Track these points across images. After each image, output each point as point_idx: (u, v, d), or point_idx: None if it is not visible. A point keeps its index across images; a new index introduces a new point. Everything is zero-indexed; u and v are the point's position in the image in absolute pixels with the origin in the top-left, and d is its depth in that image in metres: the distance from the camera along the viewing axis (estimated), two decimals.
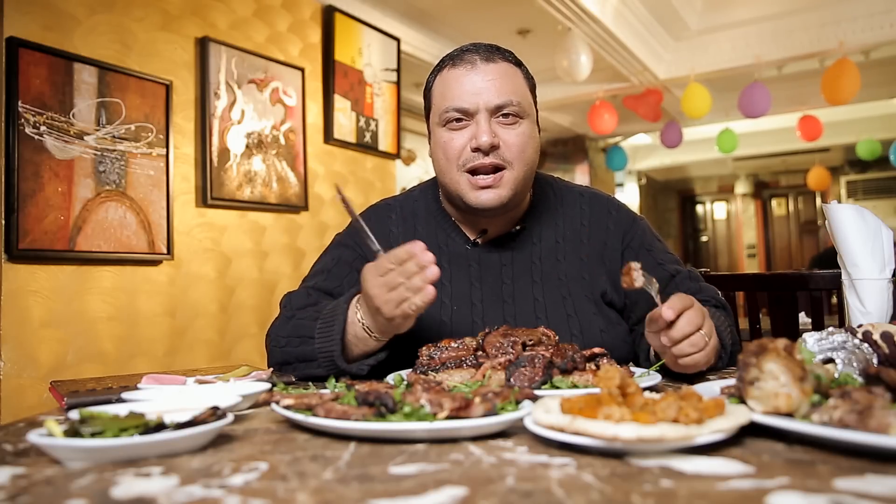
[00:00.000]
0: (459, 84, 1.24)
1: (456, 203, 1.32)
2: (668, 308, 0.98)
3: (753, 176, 11.53)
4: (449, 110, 1.24)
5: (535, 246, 1.35)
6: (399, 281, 1.04)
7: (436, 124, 1.29)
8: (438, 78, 1.30)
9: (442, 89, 1.28)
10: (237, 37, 3.25)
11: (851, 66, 4.75)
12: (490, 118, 1.23)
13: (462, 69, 1.25)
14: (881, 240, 1.27)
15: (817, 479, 0.53)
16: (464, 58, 1.26)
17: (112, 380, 1.15)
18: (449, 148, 1.25)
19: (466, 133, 1.24)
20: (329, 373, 1.16)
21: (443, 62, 1.30)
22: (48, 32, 2.47)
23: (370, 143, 4.04)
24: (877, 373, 0.70)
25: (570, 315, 1.29)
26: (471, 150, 1.23)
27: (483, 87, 1.23)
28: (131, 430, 0.64)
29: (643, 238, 1.39)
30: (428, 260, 1.03)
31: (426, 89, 1.35)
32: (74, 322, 2.50)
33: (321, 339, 1.17)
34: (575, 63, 4.60)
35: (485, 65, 1.24)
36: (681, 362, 1.02)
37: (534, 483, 0.54)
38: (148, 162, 2.77)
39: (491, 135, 1.21)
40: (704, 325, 1.01)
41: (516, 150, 1.24)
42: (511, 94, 1.23)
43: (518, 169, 1.25)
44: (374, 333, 1.13)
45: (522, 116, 1.25)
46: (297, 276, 3.50)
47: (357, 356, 1.18)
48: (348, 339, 1.16)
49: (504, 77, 1.24)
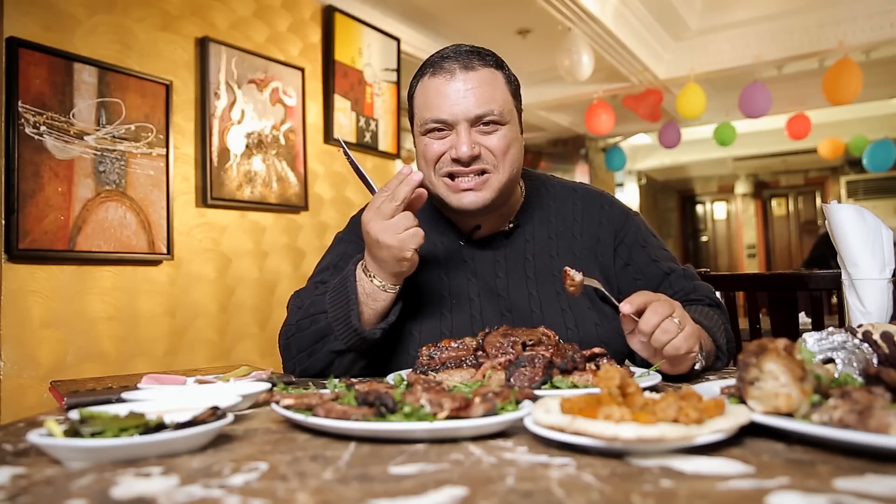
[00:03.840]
0: (438, 95, 1.24)
1: (441, 204, 1.34)
2: (626, 303, 1.01)
3: (753, 176, 11.53)
4: (428, 122, 1.25)
5: (529, 243, 1.36)
6: (394, 204, 1.14)
7: (418, 132, 1.31)
8: (419, 86, 1.30)
9: (423, 99, 1.28)
10: (237, 37, 3.25)
11: (853, 66, 4.75)
12: (470, 128, 1.23)
13: (441, 78, 1.24)
14: (881, 240, 1.27)
15: (817, 479, 0.53)
16: (443, 66, 1.25)
17: (112, 380, 1.15)
18: (428, 153, 1.27)
19: (447, 142, 1.25)
20: (346, 345, 1.20)
21: (423, 68, 1.30)
22: (48, 32, 2.47)
23: (370, 143, 4.04)
24: (877, 373, 0.70)
25: (564, 310, 1.29)
26: (451, 159, 1.24)
27: (462, 97, 1.22)
28: (131, 430, 0.64)
29: (637, 234, 1.39)
30: (406, 170, 1.14)
31: (409, 94, 1.36)
32: (74, 322, 2.50)
33: (334, 307, 1.20)
34: (577, 63, 4.60)
35: (464, 73, 1.23)
36: (664, 353, 1.02)
37: (534, 483, 0.54)
38: (148, 162, 2.77)
39: (471, 145, 1.22)
40: (675, 312, 1.02)
41: (499, 154, 1.25)
42: (490, 104, 1.23)
43: (503, 171, 1.26)
44: (384, 282, 1.18)
45: (503, 123, 1.25)
46: (298, 276, 3.50)
47: (370, 318, 1.20)
48: (360, 300, 1.19)
49: (483, 85, 1.23)
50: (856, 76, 4.73)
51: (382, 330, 1.21)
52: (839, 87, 4.79)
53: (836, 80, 4.80)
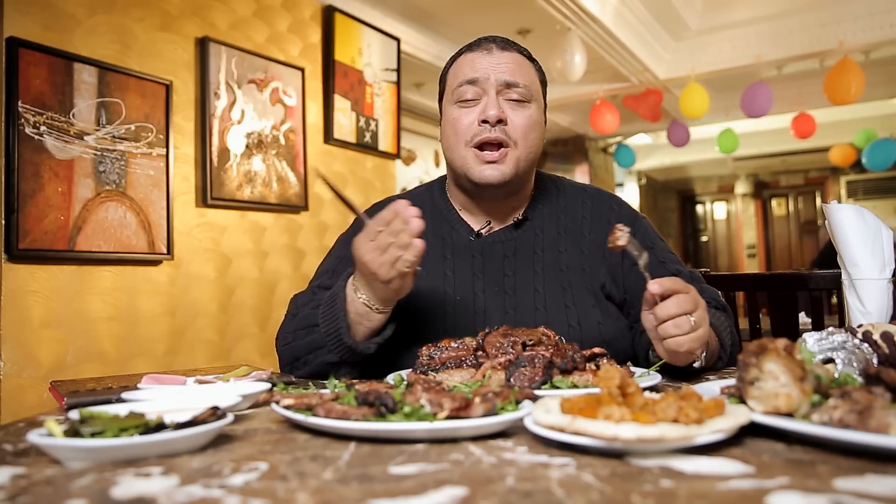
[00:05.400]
0: (473, 62, 1.31)
1: (461, 182, 1.35)
2: (656, 283, 0.99)
3: (753, 176, 11.53)
4: (462, 83, 1.30)
5: (538, 237, 1.37)
6: (389, 241, 1.07)
7: (448, 102, 1.34)
8: (455, 62, 1.37)
9: (456, 70, 1.34)
10: (237, 37, 3.25)
11: (854, 67, 4.75)
12: (498, 96, 1.28)
13: (478, 52, 1.32)
14: (881, 240, 1.27)
15: (817, 479, 0.53)
16: (481, 44, 1.33)
17: (112, 380, 1.15)
18: (459, 124, 1.29)
19: (476, 110, 1.29)
20: (340, 357, 1.18)
21: (461, 50, 1.37)
22: (48, 32, 2.47)
23: (370, 143, 4.04)
24: (877, 373, 0.70)
25: (568, 306, 1.30)
26: (478, 124, 1.27)
27: (495, 65, 1.29)
28: (131, 430, 0.64)
29: (644, 236, 1.40)
30: (411, 214, 1.06)
31: (442, 74, 1.41)
32: (74, 322, 2.50)
33: (325, 322, 1.18)
34: (569, 64, 4.60)
35: (500, 52, 1.31)
36: (664, 344, 1.01)
37: (534, 483, 0.54)
38: (148, 162, 2.77)
39: (498, 109, 1.26)
40: (696, 312, 1.00)
41: (521, 131, 1.28)
42: (522, 78, 1.29)
43: (521, 148, 1.29)
44: (375, 305, 1.15)
45: (530, 101, 1.30)
46: (298, 276, 3.50)
47: (363, 335, 1.18)
48: (351, 319, 1.17)
49: (518, 63, 1.31)
50: (857, 76, 4.73)
51: (377, 344, 1.19)
52: (840, 87, 4.79)
53: (838, 81, 4.80)
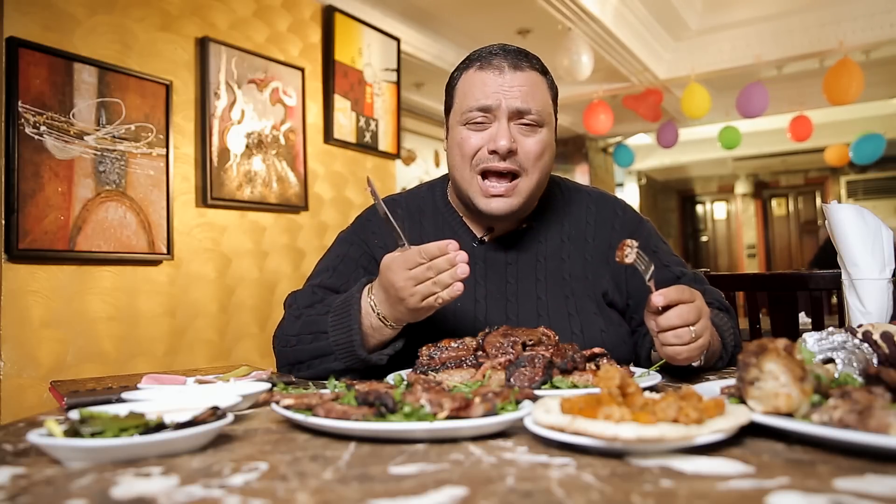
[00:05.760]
0: (485, 85, 1.24)
1: (465, 202, 1.32)
2: (660, 295, 0.99)
3: (753, 176, 11.53)
4: (472, 109, 1.24)
5: (542, 244, 1.36)
6: (428, 275, 1.05)
7: (456, 122, 1.29)
8: (464, 76, 1.29)
9: (466, 89, 1.27)
10: (237, 37, 3.25)
11: (854, 67, 4.75)
12: (510, 123, 1.23)
13: (489, 73, 1.24)
14: (881, 240, 1.27)
15: (817, 479, 0.53)
16: (492, 62, 1.25)
17: (112, 380, 1.15)
18: (465, 146, 1.25)
19: (485, 134, 1.24)
20: (347, 366, 1.17)
21: (470, 61, 1.30)
22: (48, 32, 2.47)
23: (370, 143, 4.04)
24: (877, 373, 0.70)
25: (571, 314, 1.29)
26: (487, 152, 1.23)
27: (507, 90, 1.23)
28: (131, 430, 0.64)
29: (648, 240, 1.39)
30: (461, 259, 1.04)
31: (449, 85, 1.35)
32: (74, 322, 2.50)
33: (335, 331, 1.17)
34: (576, 63, 4.60)
35: (512, 73, 1.24)
36: (663, 350, 1.03)
37: (534, 483, 0.54)
38: (148, 162, 2.77)
39: (510, 139, 1.21)
40: (698, 323, 1.01)
41: (533, 157, 1.24)
42: (534, 103, 1.23)
43: (533, 176, 1.25)
44: (390, 322, 1.14)
45: (542, 125, 1.25)
46: (298, 276, 3.50)
47: (373, 347, 1.18)
48: (364, 330, 1.16)
49: (530, 86, 1.24)
50: (856, 76, 4.73)
51: (388, 356, 1.19)
52: (840, 87, 4.79)
53: (837, 81, 4.80)
